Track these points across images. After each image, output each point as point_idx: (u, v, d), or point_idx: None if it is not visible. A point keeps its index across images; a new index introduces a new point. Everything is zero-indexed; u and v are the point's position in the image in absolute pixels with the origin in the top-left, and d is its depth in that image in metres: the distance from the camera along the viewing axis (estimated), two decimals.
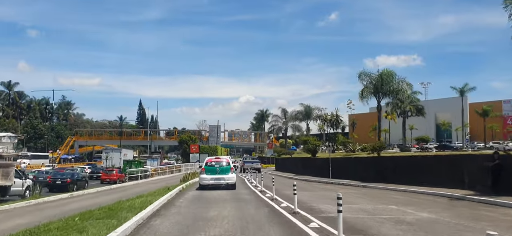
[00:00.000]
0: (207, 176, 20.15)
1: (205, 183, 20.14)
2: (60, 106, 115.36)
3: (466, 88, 63.52)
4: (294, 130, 61.21)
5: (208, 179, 20.05)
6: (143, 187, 25.37)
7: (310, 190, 20.80)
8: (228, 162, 21.10)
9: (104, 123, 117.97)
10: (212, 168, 20.43)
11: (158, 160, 59.17)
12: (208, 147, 63.19)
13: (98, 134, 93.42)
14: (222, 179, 20.02)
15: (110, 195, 20.42)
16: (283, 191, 18.47)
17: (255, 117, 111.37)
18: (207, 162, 20.97)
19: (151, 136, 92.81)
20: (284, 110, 60.44)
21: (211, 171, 20.25)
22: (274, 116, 63.79)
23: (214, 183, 19.91)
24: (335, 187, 21.85)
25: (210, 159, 21.53)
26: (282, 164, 49.09)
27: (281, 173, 40.57)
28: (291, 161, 45.46)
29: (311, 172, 32.95)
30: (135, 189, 23.91)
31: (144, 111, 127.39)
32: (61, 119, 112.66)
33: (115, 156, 57.09)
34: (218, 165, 20.55)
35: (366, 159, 28.26)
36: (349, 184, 23.99)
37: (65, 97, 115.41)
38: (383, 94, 31.58)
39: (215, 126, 76.82)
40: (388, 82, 30.23)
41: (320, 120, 42.25)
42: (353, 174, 26.21)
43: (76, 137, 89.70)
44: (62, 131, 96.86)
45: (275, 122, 62.43)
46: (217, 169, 20.25)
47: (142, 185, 27.80)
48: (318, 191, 20.37)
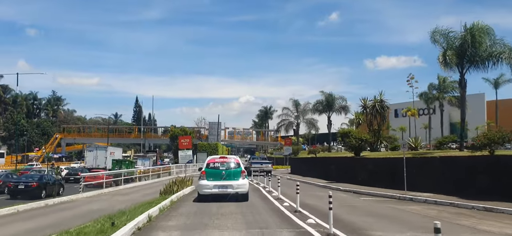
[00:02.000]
0: (208, 183, 14.85)
1: (205, 192, 14.91)
2: (49, 102, 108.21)
3: (501, 79, 56.18)
4: (308, 126, 53.13)
5: (209, 186, 14.79)
6: (105, 202, 18.32)
7: (396, 218, 11.94)
8: (238, 163, 15.53)
9: (98, 121, 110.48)
10: (215, 171, 15.03)
11: (150, 160, 51.69)
12: (208, 145, 55.04)
13: (87, 131, 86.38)
14: (230, 187, 14.77)
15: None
16: (343, 216, 11.50)
17: (258, 115, 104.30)
18: (209, 163, 15.48)
19: (145, 134, 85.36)
20: (296, 102, 52.55)
21: (214, 175, 14.91)
22: (285, 109, 54.99)
23: (219, 192, 14.74)
24: (428, 210, 13.29)
25: (212, 159, 15.87)
26: (301, 165, 40.04)
27: (302, 178, 31.70)
28: (316, 163, 35.50)
29: (354, 178, 23.98)
30: (90, 205, 16.01)
31: (141, 109, 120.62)
32: (50, 116, 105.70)
33: (100, 155, 49.53)
34: (223, 167, 15.10)
35: (462, 160, 17.54)
36: (446, 202, 14.67)
37: (55, 92, 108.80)
38: (470, 62, 20.40)
39: (215, 122, 69.37)
40: (480, 43, 20.43)
41: (362, 105, 32.75)
42: (439, 183, 17.33)
43: (64, 134, 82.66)
44: (48, 128, 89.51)
45: (285, 117, 53.98)
46: (222, 172, 14.94)
47: (114, 196, 20.61)
48: (405, 216, 11.98)
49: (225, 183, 14.71)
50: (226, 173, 14.84)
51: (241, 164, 15.71)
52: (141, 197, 17.16)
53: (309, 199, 15.02)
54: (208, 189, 14.75)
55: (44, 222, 11.47)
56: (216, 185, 14.65)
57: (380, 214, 12.60)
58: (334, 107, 45.88)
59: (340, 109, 46.84)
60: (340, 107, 46.53)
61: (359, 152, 26.73)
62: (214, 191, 14.69)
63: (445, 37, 21.14)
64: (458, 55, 20.37)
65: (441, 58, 20.35)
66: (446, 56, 20.03)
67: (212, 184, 14.71)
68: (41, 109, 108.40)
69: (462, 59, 20.51)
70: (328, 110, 45.72)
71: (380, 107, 32.85)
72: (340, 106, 46.42)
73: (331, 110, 45.90)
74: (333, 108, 45.95)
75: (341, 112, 47.60)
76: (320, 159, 36.22)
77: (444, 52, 20.36)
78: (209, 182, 14.78)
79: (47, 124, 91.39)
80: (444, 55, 20.14)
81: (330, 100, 45.27)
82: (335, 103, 45.85)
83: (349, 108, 47.65)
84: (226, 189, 14.71)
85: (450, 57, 19.94)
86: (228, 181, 14.73)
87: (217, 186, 14.65)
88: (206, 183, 14.84)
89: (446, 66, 20.54)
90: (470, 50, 20.12)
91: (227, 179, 14.75)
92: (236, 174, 14.92)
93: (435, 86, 44.47)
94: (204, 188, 14.86)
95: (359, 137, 27.00)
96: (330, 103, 45.27)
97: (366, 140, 27.53)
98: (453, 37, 20.98)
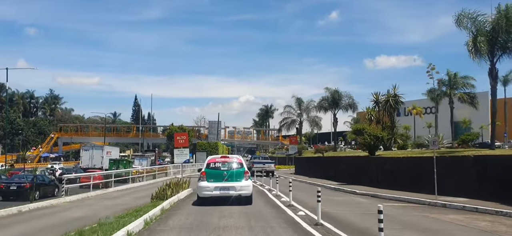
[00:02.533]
0: (209, 184, 13.87)
1: (205, 194, 13.87)
2: (46, 101, 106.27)
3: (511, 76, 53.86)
4: (311, 124, 50.54)
5: (210, 188, 13.81)
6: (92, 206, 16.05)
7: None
8: (241, 163, 14.50)
9: (96, 120, 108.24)
10: (216, 172, 14.04)
11: (148, 160, 49.34)
12: (207, 144, 52.68)
13: (84, 130, 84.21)
14: (232, 189, 13.79)
15: None
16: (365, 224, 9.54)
17: (259, 113, 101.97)
18: (209, 163, 14.46)
19: (144, 133, 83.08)
20: (299, 99, 49.80)
21: (215, 176, 13.95)
22: (287, 107, 52.31)
23: (220, 194, 13.77)
24: (475, 220, 10.96)
25: (213, 159, 14.84)
26: (306, 165, 37.26)
27: (308, 179, 29.60)
28: (323, 163, 32.84)
29: (368, 180, 21.93)
30: (69, 213, 13.82)
31: (140, 108, 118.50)
32: (47, 115, 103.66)
33: (96, 154, 47.25)
34: (225, 168, 14.16)
35: (503, 160, 15.11)
36: (491, 210, 12.31)
37: (53, 91, 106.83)
38: (502, 49, 17.82)
39: (215, 121, 67.08)
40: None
41: (374, 100, 29.70)
42: (473, 186, 15.12)
43: (60, 133, 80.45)
44: (45, 127, 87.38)
45: (288, 115, 51.32)
46: (224, 173, 14.01)
47: (101, 200, 18.35)
48: None
49: (227, 184, 13.73)
50: (228, 174, 13.89)
51: (244, 164, 14.56)
52: (131, 202, 15.02)
53: (326, 205, 12.76)
54: (209, 191, 13.71)
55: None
56: (217, 187, 13.66)
57: (423, 228, 10.18)
58: (340, 104, 43.25)
59: (346, 107, 44.16)
60: (347, 104, 43.82)
61: (374, 150, 24.29)
62: (215, 194, 13.66)
63: (472, 21, 18.70)
64: (489, 42, 17.93)
65: (471, 45, 17.96)
66: (476, 42, 17.58)
67: (212, 186, 13.69)
68: (38, 107, 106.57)
69: (493, 45, 18.07)
70: (333, 107, 43.08)
71: (394, 102, 30.06)
72: (347, 103, 43.78)
73: (337, 107, 43.25)
74: (339, 105, 43.30)
75: (347, 109, 44.82)
76: (328, 159, 33.34)
77: (474, 38, 17.87)
78: (209, 183, 13.76)
79: (43, 123, 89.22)
80: (475, 42, 17.70)
81: (336, 96, 42.62)
82: (341, 100, 43.16)
83: (357, 106, 44.90)
84: (228, 191, 13.67)
85: (481, 44, 17.50)
86: (230, 183, 13.76)
87: (218, 188, 13.66)
88: (206, 184, 13.80)
89: (476, 54, 18.12)
90: (503, 36, 17.71)
91: (229, 180, 13.80)
92: (239, 175, 13.92)
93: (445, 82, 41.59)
94: (204, 190, 13.81)
95: (375, 134, 24.30)
96: (336, 100, 42.63)
97: (382, 138, 24.89)
98: (482, 21, 18.56)
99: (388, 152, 27.31)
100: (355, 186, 21.34)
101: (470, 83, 36.86)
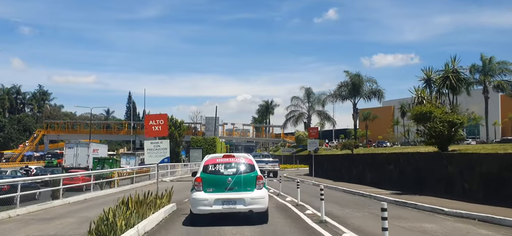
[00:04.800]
0: (207, 196, 9.74)
1: (202, 210, 9.77)
2: (34, 96, 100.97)
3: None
4: (321, 118, 44.70)
5: (209, 201, 9.68)
6: None
7: None
8: (251, 165, 10.31)
9: (87, 117, 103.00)
10: (217, 177, 9.96)
11: (137, 158, 44.25)
12: (203, 140, 47.13)
13: (73, 127, 79.18)
14: (240, 202, 9.68)
15: None
16: None
17: (258, 110, 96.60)
18: (208, 165, 10.29)
19: (136, 130, 77.84)
20: (308, 90, 44.14)
21: (215, 183, 9.87)
22: (294, 99, 46.50)
23: (222, 210, 9.75)
24: None
25: (212, 159, 10.50)
26: (327, 165, 29.58)
27: (334, 183, 23.05)
28: (354, 161, 25.57)
29: (442, 188, 15.67)
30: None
31: (135, 106, 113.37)
32: (35, 111, 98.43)
33: (81, 152, 42.39)
34: (230, 172, 10.03)
35: None
36: None
37: (42, 86, 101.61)
38: None
39: (212, 117, 61.98)
40: None
41: (424, 78, 22.78)
42: None
43: (47, 130, 75.25)
44: (31, 124, 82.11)
45: (295, 108, 45.65)
46: (228, 179, 9.90)
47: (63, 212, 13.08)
48: None
49: (232, 196, 9.73)
50: (234, 181, 9.86)
51: (256, 167, 10.30)
52: (70, 230, 9.68)
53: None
54: (206, 206, 9.67)
55: None
56: (219, 200, 9.68)
57: None
58: (361, 91, 36.02)
59: (369, 94, 36.59)
60: (371, 91, 36.37)
61: (446, 144, 16.46)
62: (215, 209, 9.69)
63: None
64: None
65: None
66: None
67: (212, 198, 9.68)
68: (25, 104, 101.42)
69: None
70: (354, 94, 35.78)
71: (456, 80, 23.42)
72: (370, 90, 36.39)
73: (358, 94, 35.95)
74: (361, 92, 36.03)
75: (370, 97, 37.04)
76: (362, 157, 25.17)
77: None
78: (207, 194, 9.73)
79: (29, 119, 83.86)
80: None
81: (357, 82, 35.52)
82: (363, 86, 36.02)
83: (383, 93, 37.31)
84: (234, 205, 9.69)
85: None
86: (237, 193, 9.75)
87: (220, 201, 9.67)
88: (202, 196, 9.72)
89: None
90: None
91: (236, 189, 9.80)
92: (249, 182, 9.90)
93: (478, 68, 36.24)
94: (200, 204, 9.72)
95: (451, 119, 15.99)
96: (356, 86, 35.43)
97: (460, 124, 16.57)
98: None
99: (469, 146, 20.17)
100: (423, 197, 14.66)
101: (508, 69, 31.88)
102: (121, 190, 20.90)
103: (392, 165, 20.39)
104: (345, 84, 37.45)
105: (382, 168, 21.25)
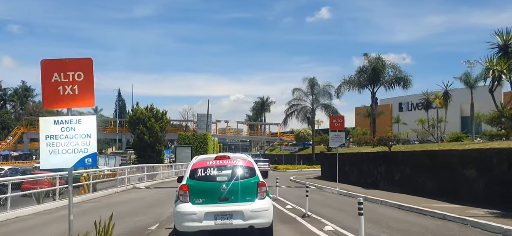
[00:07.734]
0: (195, 208, 7.59)
1: (189, 226, 7.59)
2: (16, 92, 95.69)
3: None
4: (327, 112, 39.55)
5: (198, 216, 7.52)
6: None
7: None
8: (251, 168, 8.02)
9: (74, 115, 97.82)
10: (208, 185, 7.80)
11: (117, 158, 39.31)
12: (192, 136, 41.74)
13: None
14: (237, 216, 7.57)
15: None
16: None
17: (253, 107, 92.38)
18: (196, 168, 7.95)
19: (123, 128, 72.91)
20: (313, 80, 38.75)
21: (206, 192, 7.73)
22: (296, 91, 41.21)
23: (215, 226, 7.60)
24: None
25: (202, 162, 8.09)
26: (352, 167, 24.01)
27: (364, 190, 18.37)
28: (398, 162, 19.00)
29: None
30: None
31: (124, 103, 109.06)
32: (17, 108, 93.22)
33: None
34: (224, 177, 7.84)
35: None
36: None
37: (25, 82, 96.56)
38: None
39: (204, 114, 57.16)
40: None
41: (498, 45, 17.50)
42: None
43: (27, 128, 70.36)
44: (10, 122, 76.97)
45: (297, 100, 40.55)
46: (222, 187, 7.72)
47: None
48: None
49: (227, 208, 7.66)
50: (229, 189, 7.75)
51: (256, 170, 8.07)
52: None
53: None
54: (195, 222, 7.54)
55: None
56: (210, 213, 7.59)
57: None
58: (381, 78, 30.40)
59: (393, 82, 30.82)
60: (395, 78, 30.54)
61: None
62: (206, 225, 7.58)
63: None
64: None
65: None
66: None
67: (202, 212, 7.57)
68: (6, 100, 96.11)
69: None
70: (374, 81, 30.24)
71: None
72: (393, 77, 30.55)
73: (378, 81, 30.42)
74: (381, 79, 30.42)
75: (394, 85, 31.29)
76: (415, 156, 18.36)
77: None
78: (196, 207, 7.63)
79: (8, 116, 78.64)
80: None
81: (378, 66, 29.83)
82: (384, 70, 30.37)
83: (409, 80, 31.24)
84: (230, 219, 7.61)
85: None
86: (233, 205, 7.68)
87: (212, 215, 7.58)
88: (190, 209, 7.61)
89: None
90: None
91: (232, 200, 7.72)
92: (249, 190, 7.81)
93: None
94: (186, 219, 7.60)
95: None
96: (377, 71, 29.86)
97: None
98: None
99: None
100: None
101: None
102: (57, 206, 14.68)
103: (472, 169, 14.21)
104: (364, 69, 31.91)
105: (451, 173, 15.12)
